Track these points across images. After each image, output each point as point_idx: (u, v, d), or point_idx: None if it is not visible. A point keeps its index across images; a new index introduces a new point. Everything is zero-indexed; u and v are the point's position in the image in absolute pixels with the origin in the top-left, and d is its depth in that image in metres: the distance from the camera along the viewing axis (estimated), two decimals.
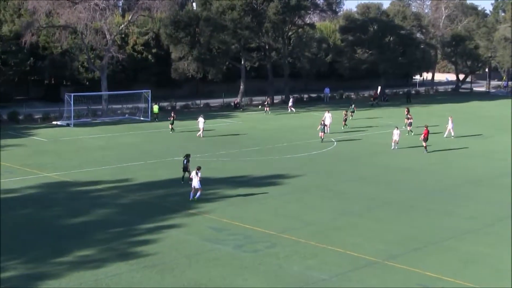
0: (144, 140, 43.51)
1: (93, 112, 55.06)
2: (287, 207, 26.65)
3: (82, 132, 46.51)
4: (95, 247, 20.96)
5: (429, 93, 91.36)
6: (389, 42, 79.70)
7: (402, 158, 38.59)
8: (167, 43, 64.88)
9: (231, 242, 21.75)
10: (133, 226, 23.38)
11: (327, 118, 47.79)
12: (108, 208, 25.93)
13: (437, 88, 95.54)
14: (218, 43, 65.41)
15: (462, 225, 24.66)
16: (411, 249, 21.60)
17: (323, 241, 22.00)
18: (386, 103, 74.32)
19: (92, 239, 21.81)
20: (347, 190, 29.92)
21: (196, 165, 27.98)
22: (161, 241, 21.67)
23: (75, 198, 27.42)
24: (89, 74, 64.44)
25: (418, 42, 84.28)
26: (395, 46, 79.57)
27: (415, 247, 21.75)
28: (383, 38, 79.28)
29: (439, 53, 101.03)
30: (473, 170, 35.51)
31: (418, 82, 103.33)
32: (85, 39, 56.05)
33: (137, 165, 34.61)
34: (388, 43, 79.62)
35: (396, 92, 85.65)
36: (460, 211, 26.65)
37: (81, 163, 34.87)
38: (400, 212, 26.25)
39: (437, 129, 49.72)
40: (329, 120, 47.77)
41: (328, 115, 48.28)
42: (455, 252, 21.48)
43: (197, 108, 63.96)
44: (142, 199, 27.48)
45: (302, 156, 38.55)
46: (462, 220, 25.38)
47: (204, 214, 25.11)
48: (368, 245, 21.82)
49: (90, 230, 22.79)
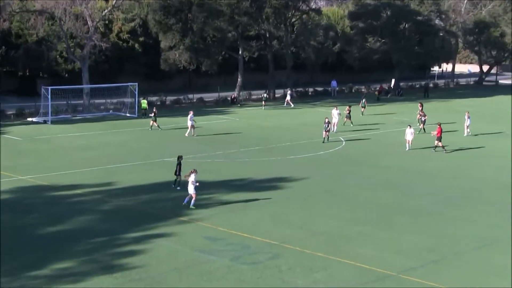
0: (130, 139, 43.49)
1: (73, 107, 55.02)
2: (291, 214, 26.62)
3: (60, 130, 46.44)
4: (75, 258, 20.91)
5: (448, 86, 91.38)
6: (404, 29, 79.69)
7: (418, 159, 38.58)
8: (156, 30, 64.85)
9: (227, 253, 21.72)
10: (117, 235, 23.34)
11: (335, 115, 47.75)
12: (90, 215, 25.88)
13: (458, 81, 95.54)
14: (213, 31, 65.38)
15: (485, 233, 24.64)
16: (429, 261, 21.57)
17: (330, 252, 21.97)
18: (401, 97, 74.35)
19: (72, 249, 21.76)
20: (357, 195, 29.89)
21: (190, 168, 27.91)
22: (149, 252, 21.64)
23: (53, 204, 27.37)
24: (69, 65, 64.36)
25: (437, 29, 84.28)
26: (410, 34, 79.55)
27: (433, 259, 21.73)
28: (398, 25, 79.27)
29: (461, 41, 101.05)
30: (495, 172, 35.51)
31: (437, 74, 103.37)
32: (64, 26, 55.99)
33: (123, 167, 34.57)
34: (403, 31, 79.62)
35: (412, 85, 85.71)
36: (482, 218, 26.64)
37: (60, 164, 34.82)
38: (416, 220, 26.23)
39: (454, 126, 49.77)
40: (336, 117, 47.72)
41: (336, 111, 48.18)
42: (479, 264, 21.45)
43: (190, 103, 63.93)
44: (127, 205, 27.43)
45: (307, 157, 38.53)
46: (486, 228, 25.35)
47: (197, 222, 25.08)
48: (381, 256, 21.79)
49: (69, 240, 22.74)
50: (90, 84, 56.72)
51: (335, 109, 48.76)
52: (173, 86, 73.52)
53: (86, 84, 56.44)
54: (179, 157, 29.99)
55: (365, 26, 79.12)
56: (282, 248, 22.35)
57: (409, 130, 41.12)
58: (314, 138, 44.60)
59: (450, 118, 53.96)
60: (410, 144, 41.19)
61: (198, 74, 74.98)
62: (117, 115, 54.75)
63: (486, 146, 43.48)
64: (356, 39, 79.81)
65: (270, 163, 36.72)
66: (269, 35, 70.23)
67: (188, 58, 64.38)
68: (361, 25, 79.47)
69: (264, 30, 69.52)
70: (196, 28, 63.79)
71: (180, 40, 63.37)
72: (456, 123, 51.01)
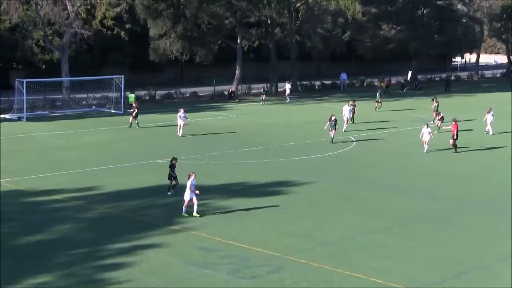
0: (115, 138, 43.50)
1: (51, 103, 55.04)
2: (295, 222, 26.61)
3: (37, 128, 46.45)
4: (54, 272, 20.88)
5: (472, 79, 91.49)
6: (423, 15, 79.79)
7: (436, 161, 38.62)
8: (144, 16, 64.91)
9: (224, 266, 21.70)
10: (100, 246, 23.31)
11: (345, 112, 47.77)
12: (70, 223, 25.85)
13: (483, 73, 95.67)
14: (208, 17, 65.44)
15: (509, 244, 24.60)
16: (452, 274, 21.55)
17: (340, 265, 21.96)
18: (419, 92, 74.37)
19: (50, 262, 21.74)
20: (369, 201, 29.89)
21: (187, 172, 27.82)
22: (136, 265, 21.61)
23: (29, 211, 27.34)
24: (46, 55, 64.45)
25: (460, 15, 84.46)
26: (430, 21, 79.66)
27: (456, 272, 21.70)
28: (415, 11, 79.38)
29: (486, 29, 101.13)
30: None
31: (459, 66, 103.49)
32: (40, 11, 56.01)
33: (107, 170, 34.56)
34: (421, 17, 79.71)
35: (431, 78, 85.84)
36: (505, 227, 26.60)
37: (37, 167, 34.81)
38: (436, 228, 26.21)
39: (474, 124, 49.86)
40: (347, 114, 47.72)
41: (348, 108, 48.17)
42: (508, 278, 21.43)
43: (182, 98, 64.00)
44: (112, 212, 27.42)
45: (314, 158, 38.54)
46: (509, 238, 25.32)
47: (190, 231, 25.06)
48: (397, 269, 21.77)
49: (47, 251, 22.71)
50: (70, 77, 56.73)
51: (347, 104, 48.78)
52: (164, 79, 73.63)
53: (65, 77, 56.46)
54: (172, 160, 29.79)
55: (379, 12, 79.20)
56: (285, 260, 22.32)
57: (426, 130, 41.00)
58: (321, 137, 44.59)
59: (472, 115, 54.00)
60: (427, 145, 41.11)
61: (192, 66, 75.06)
62: (100, 112, 54.76)
63: (509, 146, 43.43)
64: (368, 26, 79.90)
65: (272, 165, 36.72)
66: (271, 22, 70.27)
67: (180, 48, 64.42)
68: (374, 10, 79.56)
69: (265, 16, 69.56)
70: (189, 14, 63.83)
71: (171, 27, 63.42)
72: (475, 120, 51.20)
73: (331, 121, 42.81)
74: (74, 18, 56.79)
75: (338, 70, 79.62)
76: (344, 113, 47.90)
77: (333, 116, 43.17)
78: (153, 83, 67.58)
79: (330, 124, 42.77)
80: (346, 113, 47.89)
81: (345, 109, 48.32)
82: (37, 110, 53.03)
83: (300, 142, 43.37)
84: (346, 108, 48.39)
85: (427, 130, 41.08)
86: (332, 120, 42.81)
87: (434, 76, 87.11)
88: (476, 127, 49.31)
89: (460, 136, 41.79)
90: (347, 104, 49.00)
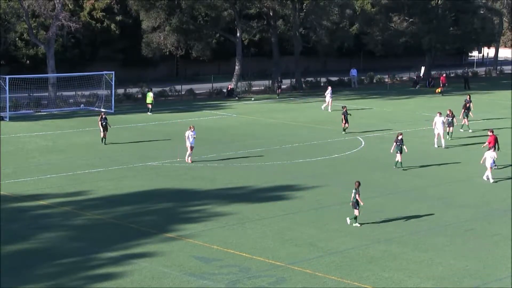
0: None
1: (36, 101, 55.00)
2: (299, 229, 26.61)
3: (21, 128, 46.45)
4: (39, 283, 20.89)
5: (490, 75, 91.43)
6: (437, 6, 79.79)
7: (454, 164, 38.53)
8: (136, 8, 64.92)
9: (223, 276, 21.71)
10: (90, 255, 23.32)
11: (438, 123, 43.58)
12: (57, 231, 25.86)
13: (502, 69, 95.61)
14: (205, 8, 65.44)
15: None
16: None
17: (348, 276, 21.96)
18: (432, 89, 74.27)
19: (35, 273, 21.74)
20: (381, 207, 29.88)
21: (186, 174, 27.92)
22: (129, 276, 21.62)
23: (12, 218, 27.32)
24: (31, 50, 64.45)
25: (477, 6, 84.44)
26: (444, 12, 79.65)
27: (475, 285, 21.69)
28: (429, 1, 79.35)
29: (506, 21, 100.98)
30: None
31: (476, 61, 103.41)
32: (24, 2, 56.00)
33: (96, 173, 34.56)
34: (435, 8, 79.70)
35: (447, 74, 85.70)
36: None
37: (21, 170, 34.81)
38: (454, 238, 26.20)
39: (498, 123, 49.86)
40: (440, 128, 42.26)
41: (440, 119, 42.28)
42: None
43: (177, 96, 63.97)
44: (102, 219, 27.42)
45: (320, 161, 38.54)
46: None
47: (187, 239, 25.07)
48: (411, 282, 21.77)
49: (32, 262, 22.71)
50: (56, 73, 56.71)
51: (438, 115, 42.64)
52: (157, 75, 73.64)
53: (51, 73, 56.44)
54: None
55: (390, 3, 79.19)
56: (288, 270, 22.33)
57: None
58: (328, 138, 44.59)
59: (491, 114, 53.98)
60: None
61: (188, 61, 75.09)
62: (89, 111, 54.74)
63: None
64: (378, 19, 79.85)
65: (274, 168, 36.71)
66: (273, 14, 70.29)
67: (175, 42, 64.41)
68: (385, 1, 79.55)
69: (267, 7, 69.56)
70: (185, 5, 63.85)
71: (165, 19, 63.41)
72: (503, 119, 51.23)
73: (398, 142, 36.89)
74: (60, 10, 56.79)
75: (345, 66, 79.66)
76: (436, 126, 42.47)
77: (400, 135, 37.05)
78: (146, 80, 67.62)
79: (397, 145, 36.93)
80: (438, 125, 42.27)
81: (437, 120, 42.19)
82: (21, 109, 53.01)
83: (305, 143, 43.34)
84: (438, 119, 42.16)
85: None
86: (399, 140, 36.86)
87: (449, 72, 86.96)
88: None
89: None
90: (438, 115, 42.29)
